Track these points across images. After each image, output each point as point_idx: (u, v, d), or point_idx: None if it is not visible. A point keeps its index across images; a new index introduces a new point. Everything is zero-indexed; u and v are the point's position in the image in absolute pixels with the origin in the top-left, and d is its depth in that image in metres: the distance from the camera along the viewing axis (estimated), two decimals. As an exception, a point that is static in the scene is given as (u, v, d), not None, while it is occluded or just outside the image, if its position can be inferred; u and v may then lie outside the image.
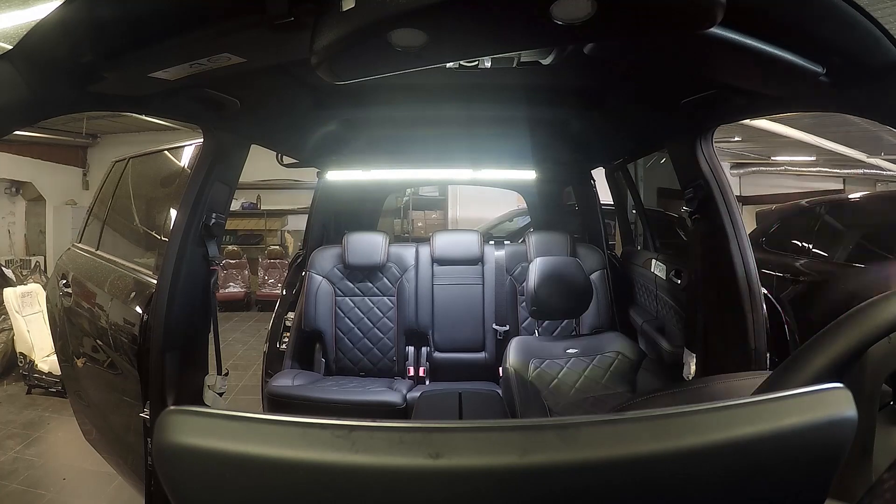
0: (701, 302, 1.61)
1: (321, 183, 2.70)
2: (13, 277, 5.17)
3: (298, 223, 6.62)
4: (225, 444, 0.36)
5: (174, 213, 1.62)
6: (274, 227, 7.63)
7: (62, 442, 3.07)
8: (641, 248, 2.78)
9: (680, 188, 1.61)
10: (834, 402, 0.39)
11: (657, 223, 2.97)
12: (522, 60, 1.19)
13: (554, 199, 3.31)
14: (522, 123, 1.95)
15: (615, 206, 2.92)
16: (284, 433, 0.36)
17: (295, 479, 0.36)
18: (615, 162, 2.55)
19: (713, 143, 1.52)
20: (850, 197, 3.68)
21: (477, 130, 2.08)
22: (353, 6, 0.67)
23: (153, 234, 2.01)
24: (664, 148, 1.80)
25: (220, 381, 1.65)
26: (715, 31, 0.76)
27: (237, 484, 0.37)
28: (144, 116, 5.46)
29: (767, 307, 1.46)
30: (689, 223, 1.64)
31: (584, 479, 0.36)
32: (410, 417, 1.90)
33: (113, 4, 0.77)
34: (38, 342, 3.80)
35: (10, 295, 4.00)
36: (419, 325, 2.51)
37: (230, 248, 6.95)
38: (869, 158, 5.82)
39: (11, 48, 0.81)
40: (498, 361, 2.30)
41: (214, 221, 1.55)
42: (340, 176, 2.63)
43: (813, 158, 6.54)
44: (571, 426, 0.36)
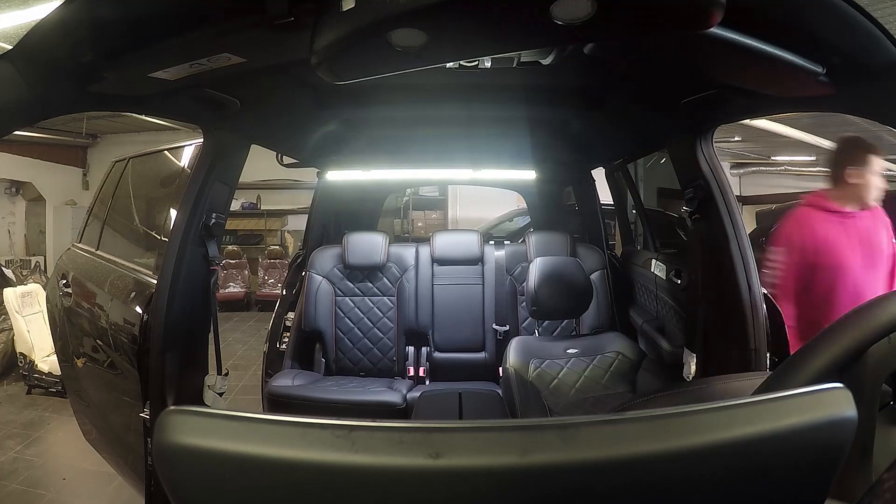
0: (701, 302, 1.61)
1: (321, 183, 2.70)
2: (13, 277, 5.17)
3: (298, 223, 6.61)
4: (225, 444, 0.36)
5: (174, 213, 1.62)
6: (274, 227, 7.63)
7: (62, 442, 3.07)
8: (641, 248, 2.78)
9: (680, 188, 1.61)
10: (834, 402, 0.39)
11: (657, 223, 2.97)
12: (522, 60, 1.19)
13: (554, 199, 3.31)
14: (522, 123, 1.95)
15: (615, 206, 2.92)
16: (284, 433, 0.36)
17: (295, 479, 0.36)
18: (615, 162, 2.55)
19: (713, 143, 1.52)
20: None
21: (477, 130, 2.08)
22: (353, 6, 0.67)
23: (153, 234, 2.01)
24: (664, 148, 1.80)
25: (220, 381, 1.65)
26: (715, 31, 0.76)
27: (237, 484, 0.37)
28: (144, 116, 5.45)
29: (767, 307, 1.46)
30: (689, 223, 1.64)
31: (584, 479, 0.36)
32: (410, 417, 1.90)
33: (113, 4, 0.77)
34: (38, 342, 3.80)
35: (10, 295, 4.00)
36: (419, 325, 2.51)
37: (230, 248, 6.95)
38: (869, 158, 5.80)
39: (11, 48, 0.81)
40: (498, 361, 2.30)
41: (214, 221, 1.55)
42: (340, 176, 2.63)
43: (813, 158, 6.52)
44: (571, 426, 0.36)
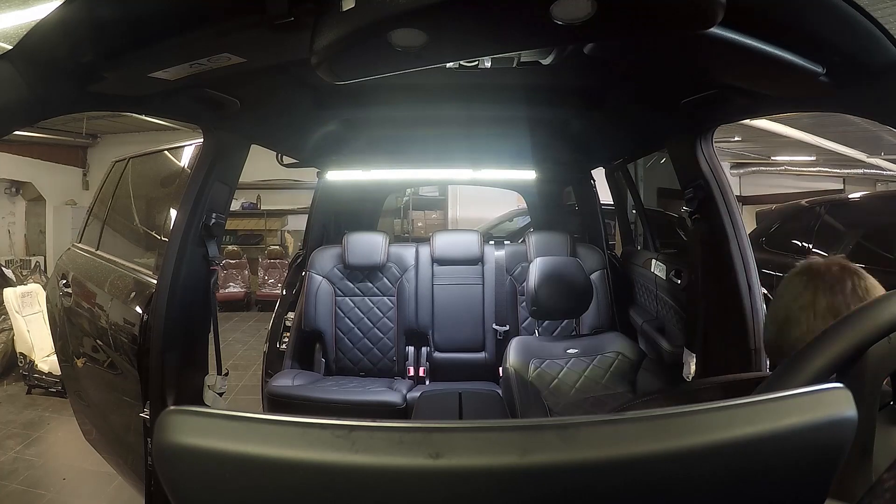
0: (701, 302, 1.61)
1: (321, 183, 2.70)
2: (13, 277, 5.17)
3: (298, 223, 6.61)
4: (225, 444, 0.36)
5: (174, 213, 1.62)
6: (274, 227, 7.63)
7: (62, 442, 3.07)
8: (641, 248, 2.78)
9: (680, 188, 1.61)
10: (834, 402, 0.39)
11: (657, 223, 2.97)
12: (522, 60, 1.19)
13: (554, 199, 3.31)
14: (522, 123, 1.95)
15: (615, 206, 2.92)
16: (284, 433, 0.36)
17: (295, 479, 0.36)
18: (615, 162, 2.55)
19: (713, 143, 1.52)
20: (850, 197, 3.68)
21: (477, 130, 2.08)
22: (353, 6, 0.67)
23: (153, 234, 2.01)
24: (664, 148, 1.80)
25: (220, 381, 1.65)
26: (715, 31, 0.76)
27: (237, 484, 0.37)
28: (144, 116, 5.45)
29: (767, 307, 1.46)
30: (689, 223, 1.64)
31: (584, 479, 0.36)
32: (410, 417, 1.90)
33: (113, 4, 0.77)
34: (38, 342, 3.80)
35: (10, 295, 4.00)
36: (419, 325, 2.51)
37: (230, 248, 6.95)
38: (869, 158, 5.81)
39: (11, 48, 0.81)
40: (498, 361, 2.30)
41: (214, 221, 1.55)
42: (340, 176, 2.63)
43: (813, 158, 6.53)
44: (571, 426, 0.36)
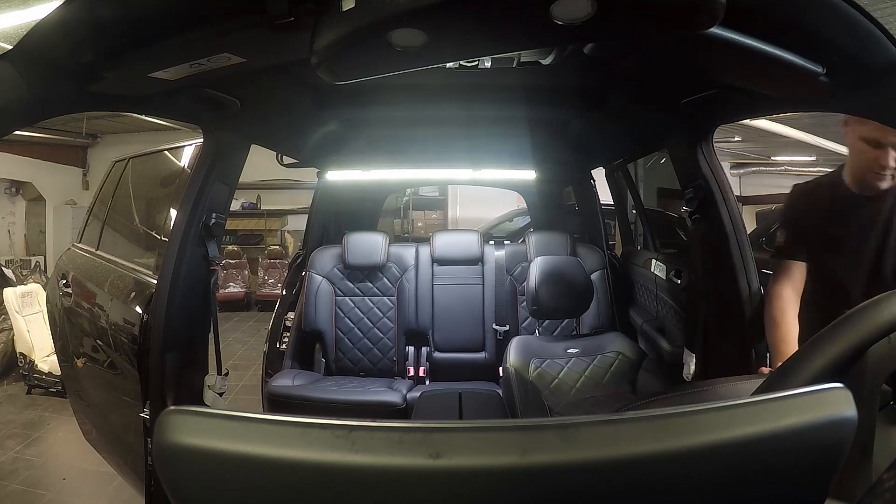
0: (701, 302, 1.61)
1: (321, 183, 2.70)
2: (13, 277, 5.17)
3: (298, 223, 6.61)
4: (225, 444, 0.36)
5: (174, 213, 1.62)
6: (274, 227, 7.62)
7: (62, 442, 3.07)
8: (641, 248, 2.78)
9: (680, 188, 1.61)
10: (834, 402, 0.39)
11: (657, 223, 2.97)
12: (522, 60, 1.19)
13: (554, 199, 3.31)
14: (522, 123, 1.95)
15: (615, 206, 2.92)
16: (284, 433, 0.36)
17: (295, 479, 0.36)
18: (615, 162, 2.56)
19: (713, 143, 1.52)
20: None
21: (477, 130, 2.08)
22: (353, 6, 0.67)
23: (153, 234, 2.01)
24: (664, 148, 1.80)
25: (220, 381, 1.65)
26: (715, 31, 0.76)
27: (237, 484, 0.37)
28: (144, 116, 5.45)
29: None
30: (689, 223, 1.64)
31: (584, 479, 0.36)
32: (410, 417, 1.90)
33: (113, 4, 0.77)
34: (38, 342, 3.79)
35: (10, 295, 4.00)
36: (419, 325, 2.51)
37: (230, 248, 6.94)
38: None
39: (11, 48, 0.81)
40: (498, 361, 2.30)
41: (214, 221, 1.55)
42: (340, 176, 2.63)
43: (813, 158, 6.53)
44: (571, 426, 0.36)
